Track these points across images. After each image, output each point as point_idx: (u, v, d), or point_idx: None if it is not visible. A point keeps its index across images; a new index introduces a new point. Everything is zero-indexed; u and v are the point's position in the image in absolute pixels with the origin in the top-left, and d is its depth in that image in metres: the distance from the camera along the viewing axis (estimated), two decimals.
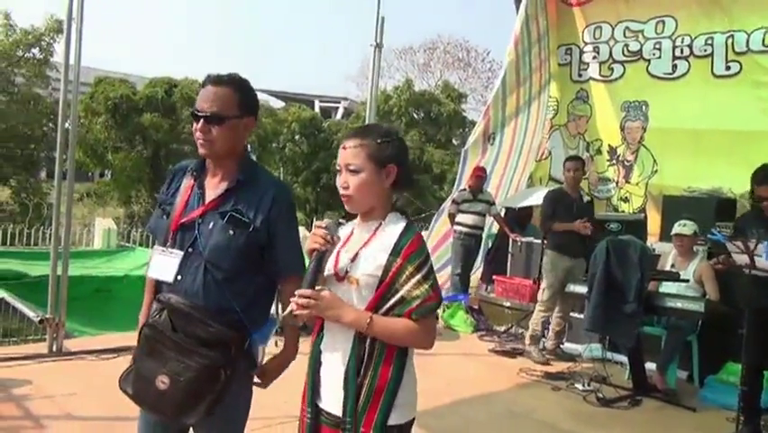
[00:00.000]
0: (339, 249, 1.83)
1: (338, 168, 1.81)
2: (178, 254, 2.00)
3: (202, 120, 1.98)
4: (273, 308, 2.21)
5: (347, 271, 1.77)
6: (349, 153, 1.78)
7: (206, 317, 1.92)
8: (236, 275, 1.99)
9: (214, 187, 2.05)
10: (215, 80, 2.02)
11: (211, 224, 2.00)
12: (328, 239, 1.75)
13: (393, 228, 1.78)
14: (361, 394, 1.70)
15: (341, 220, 1.90)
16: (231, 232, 1.98)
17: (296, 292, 1.72)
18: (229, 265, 1.98)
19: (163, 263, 2.02)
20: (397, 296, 1.70)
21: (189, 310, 1.92)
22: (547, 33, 8.21)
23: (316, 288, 1.73)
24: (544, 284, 5.78)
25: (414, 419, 1.80)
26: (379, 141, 1.77)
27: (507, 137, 7.95)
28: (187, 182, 2.09)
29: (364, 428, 1.69)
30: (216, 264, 1.97)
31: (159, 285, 2.06)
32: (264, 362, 2.13)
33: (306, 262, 1.94)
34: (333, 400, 1.77)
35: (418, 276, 1.70)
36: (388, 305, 1.71)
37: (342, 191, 1.80)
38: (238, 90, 2.02)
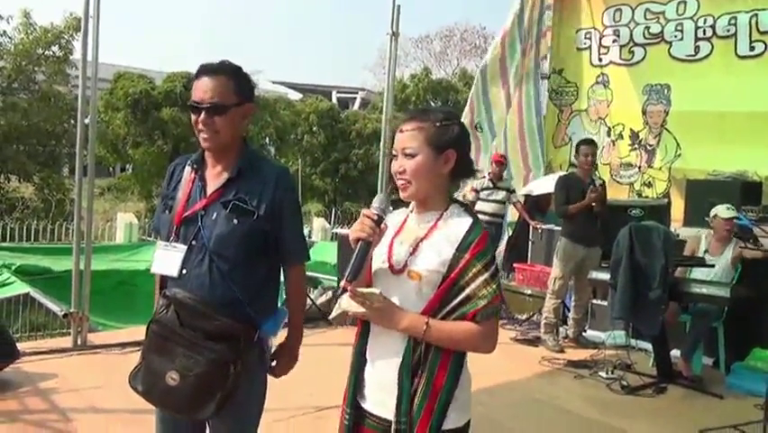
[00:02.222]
0: (392, 238, 1.71)
1: (394, 153, 1.70)
2: (181, 248, 1.97)
3: (203, 112, 1.95)
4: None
5: (406, 264, 1.64)
6: (406, 137, 1.66)
7: (213, 310, 1.90)
8: (241, 265, 1.96)
9: (214, 178, 2.03)
10: (210, 70, 1.98)
11: (214, 214, 1.97)
12: (376, 230, 1.62)
13: (458, 222, 1.65)
14: (416, 397, 1.59)
15: (391, 207, 1.77)
16: (234, 221, 1.95)
17: (351, 289, 1.60)
18: (234, 255, 1.95)
19: (167, 258, 1.99)
20: (463, 294, 1.58)
21: (195, 304, 1.90)
22: (541, 21, 8.27)
23: (374, 289, 1.62)
24: (555, 273, 5.71)
25: (470, 420, 1.69)
26: (438, 124, 1.65)
27: (496, 125, 8.05)
28: (188, 175, 2.06)
29: (419, 431, 1.58)
30: (221, 255, 1.95)
31: (164, 280, 2.03)
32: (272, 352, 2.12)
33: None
34: (380, 402, 1.66)
35: (486, 275, 1.58)
36: (452, 304, 1.59)
37: (397, 178, 1.68)
38: (233, 77, 1.99)
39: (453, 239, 1.61)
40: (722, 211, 5.07)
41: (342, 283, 1.61)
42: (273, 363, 2.12)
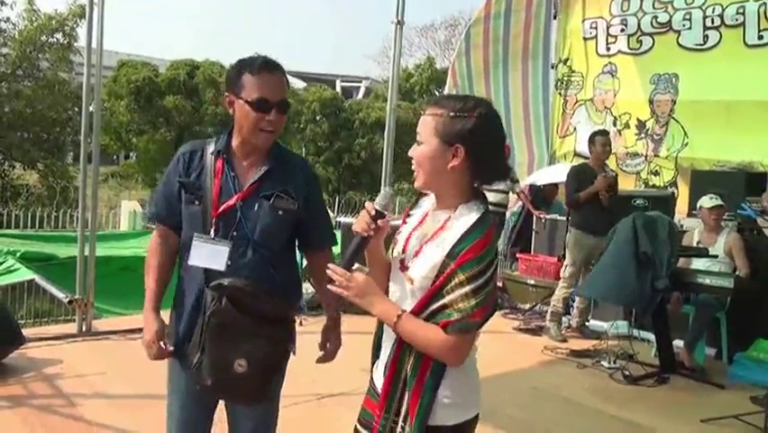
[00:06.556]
0: (411, 230, 1.67)
1: None
2: (225, 242, 1.98)
3: (275, 109, 1.95)
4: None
5: (408, 265, 1.61)
6: (421, 121, 1.59)
7: (267, 295, 1.97)
8: (281, 254, 2.06)
9: (248, 169, 2.04)
10: (276, 67, 1.99)
11: (256, 206, 2.00)
12: (371, 225, 1.59)
13: (461, 224, 1.54)
14: (404, 394, 1.57)
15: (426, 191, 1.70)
16: (279, 212, 2.01)
17: (330, 266, 1.60)
18: (279, 245, 2.04)
19: (210, 252, 1.98)
20: (440, 302, 1.51)
21: (253, 290, 1.94)
22: (543, 3, 8.32)
23: (358, 266, 1.61)
24: (567, 261, 5.76)
25: (472, 419, 1.62)
26: (452, 114, 1.53)
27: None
28: (215, 165, 2.03)
29: (404, 424, 1.56)
30: (266, 246, 2.00)
31: (207, 274, 1.99)
32: (319, 340, 2.20)
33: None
34: (379, 375, 1.67)
35: (467, 288, 1.47)
36: (430, 309, 1.53)
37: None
38: (285, 78, 2.03)
39: (447, 244, 1.53)
40: (704, 201, 5.09)
41: (332, 267, 1.63)
42: (321, 352, 2.21)
